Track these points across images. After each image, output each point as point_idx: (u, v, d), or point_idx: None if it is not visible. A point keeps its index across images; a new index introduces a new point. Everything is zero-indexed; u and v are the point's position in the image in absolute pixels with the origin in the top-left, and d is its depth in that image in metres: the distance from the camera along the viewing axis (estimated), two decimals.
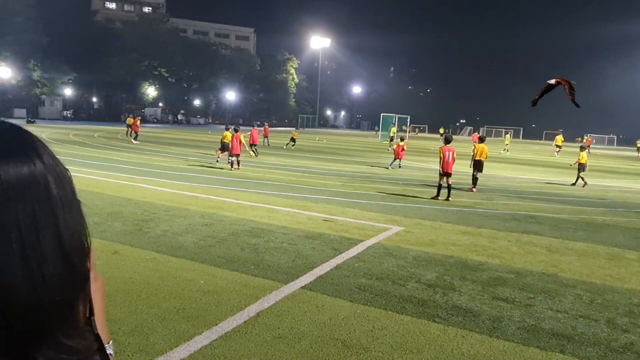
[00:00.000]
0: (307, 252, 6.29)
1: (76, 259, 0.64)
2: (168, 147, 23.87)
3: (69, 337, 0.63)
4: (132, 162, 16.18)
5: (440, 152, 11.53)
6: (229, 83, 78.04)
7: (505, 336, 4.13)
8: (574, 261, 6.67)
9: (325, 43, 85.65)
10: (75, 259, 0.63)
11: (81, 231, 0.66)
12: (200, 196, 10.07)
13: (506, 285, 5.45)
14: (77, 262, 0.64)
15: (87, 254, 0.68)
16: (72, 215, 0.64)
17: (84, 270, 0.66)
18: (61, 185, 0.64)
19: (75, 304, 0.65)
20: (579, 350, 3.94)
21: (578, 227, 9.10)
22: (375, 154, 28.01)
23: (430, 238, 7.51)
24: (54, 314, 0.61)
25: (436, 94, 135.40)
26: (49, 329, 0.61)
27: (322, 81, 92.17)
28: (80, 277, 0.65)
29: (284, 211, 8.97)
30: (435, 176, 16.31)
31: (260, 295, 4.71)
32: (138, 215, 7.86)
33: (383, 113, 49.85)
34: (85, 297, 0.68)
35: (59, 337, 0.62)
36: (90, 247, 0.69)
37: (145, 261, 5.58)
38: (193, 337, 3.78)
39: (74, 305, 0.64)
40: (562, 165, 25.34)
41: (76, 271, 0.64)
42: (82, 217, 0.67)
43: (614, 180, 20.22)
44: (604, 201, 13.23)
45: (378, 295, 4.89)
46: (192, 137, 35.31)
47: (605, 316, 4.71)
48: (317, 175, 15.45)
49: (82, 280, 0.66)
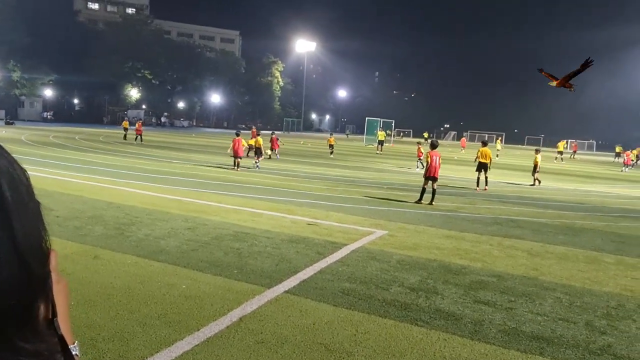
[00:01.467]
0: (291, 256, 6.28)
1: (33, 262, 0.63)
2: (151, 150, 23.62)
3: (27, 340, 0.62)
4: (114, 164, 15.96)
5: (427, 156, 11.69)
6: (213, 86, 77.66)
7: (487, 339, 4.17)
8: (554, 265, 6.78)
9: (310, 47, 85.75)
10: (31, 262, 0.63)
11: (38, 234, 0.66)
12: (183, 199, 9.98)
13: (488, 289, 5.51)
14: (34, 265, 0.64)
15: (45, 257, 0.68)
16: (28, 219, 0.64)
17: (42, 273, 0.66)
18: (15, 188, 0.63)
19: (33, 307, 0.64)
20: (558, 353, 4.00)
21: (558, 231, 9.26)
22: (360, 157, 28.10)
23: (414, 242, 7.56)
24: (10, 318, 0.60)
25: (421, 99, 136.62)
26: (5, 333, 0.60)
27: (308, 85, 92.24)
28: (38, 280, 0.65)
29: (268, 215, 8.94)
30: (420, 180, 16.43)
31: (243, 300, 4.68)
32: (119, 219, 7.75)
33: (368, 117, 50.15)
34: (47, 299, 0.68)
35: (16, 341, 0.61)
36: (50, 250, 0.69)
37: (127, 266, 5.50)
38: (174, 342, 3.73)
39: (31, 308, 0.64)
40: (546, 170, 25.78)
41: (33, 274, 0.63)
42: (40, 220, 0.67)
43: (594, 185, 20.64)
44: (584, 205, 13.48)
45: (361, 299, 4.90)
46: (175, 140, 35.01)
47: (583, 319, 4.80)
48: (302, 178, 15.44)
49: (40, 283, 0.66)
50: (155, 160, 18.68)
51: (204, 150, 26.67)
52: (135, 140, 28.70)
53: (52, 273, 0.70)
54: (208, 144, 33.42)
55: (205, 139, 39.74)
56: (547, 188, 17.49)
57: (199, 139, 39.07)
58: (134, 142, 28.16)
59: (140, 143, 27.68)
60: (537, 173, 17.71)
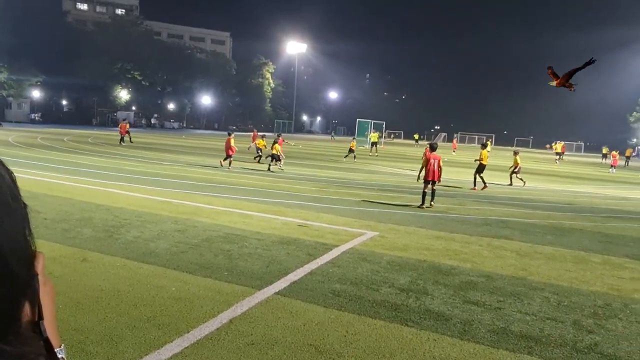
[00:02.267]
0: (282, 257, 6.28)
1: (15, 265, 0.63)
2: (141, 152, 23.46)
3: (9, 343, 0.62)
4: (103, 166, 15.83)
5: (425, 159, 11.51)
6: (204, 87, 77.32)
7: (476, 339, 4.20)
8: (542, 265, 6.85)
9: (301, 48, 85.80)
10: (14, 264, 0.63)
11: (23, 236, 0.66)
12: (173, 201, 9.93)
13: (477, 289, 5.55)
14: (17, 268, 0.63)
15: (30, 259, 0.67)
16: (11, 221, 0.64)
17: (26, 275, 0.66)
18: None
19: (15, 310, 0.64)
20: (546, 352, 4.04)
21: (547, 232, 9.35)
22: (350, 159, 28.14)
23: (404, 243, 7.59)
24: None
25: (411, 101, 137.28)
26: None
27: (299, 86, 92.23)
28: (21, 283, 0.64)
29: (259, 216, 8.93)
30: (410, 181, 16.54)
31: (233, 301, 4.66)
32: (108, 221, 7.69)
33: (359, 119, 50.26)
34: (32, 301, 0.67)
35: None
36: (35, 252, 0.69)
37: (116, 268, 5.46)
38: (164, 345, 3.71)
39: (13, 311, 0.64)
40: (537, 171, 26.00)
41: (16, 277, 0.63)
42: (25, 222, 0.67)
43: (582, 185, 20.87)
44: (572, 206, 13.63)
45: (352, 301, 4.91)
46: (165, 142, 34.81)
47: (571, 318, 4.85)
48: (292, 180, 15.43)
49: (24, 286, 0.65)
50: (145, 162, 18.56)
51: (194, 151, 26.55)
52: (120, 142, 28.19)
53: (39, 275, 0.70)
54: (198, 145, 33.28)
55: (196, 141, 39.57)
56: (535, 189, 17.66)
57: (189, 141, 38.90)
58: (120, 144, 27.77)
59: (123, 145, 27.19)
60: (518, 174, 17.98)
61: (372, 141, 35.90)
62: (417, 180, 12.11)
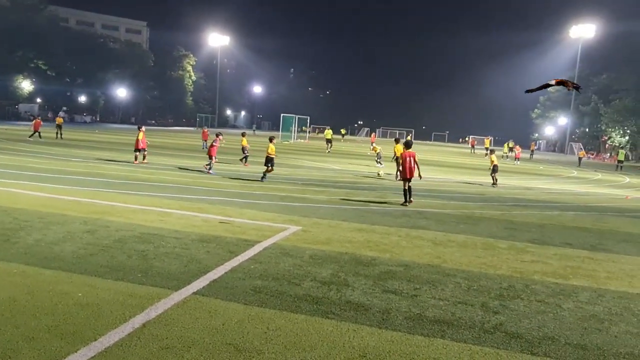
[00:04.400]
0: (201, 256, 6.06)
1: None
2: (47, 148, 21.60)
3: None
4: (2, 164, 14.35)
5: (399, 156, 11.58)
6: (118, 79, 72.95)
7: (394, 327, 4.33)
8: (455, 252, 7.24)
9: (224, 41, 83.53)
10: None
11: None
12: (83, 200, 9.23)
13: (395, 278, 5.73)
14: None
15: None
16: None
17: None
18: None
19: None
20: (457, 334, 4.26)
21: (460, 221, 9.92)
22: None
23: (327, 236, 7.66)
24: None
25: (335, 96, 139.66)
26: None
27: (222, 80, 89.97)
28: None
29: (178, 214, 8.57)
30: (335, 176, 16.82)
31: (147, 304, 4.41)
32: (6, 224, 6.97)
33: (283, 114, 50.12)
34: None
35: None
36: None
37: (12, 275, 4.95)
38: (67, 356, 3.41)
39: None
40: (452, 164, 27.47)
41: None
42: None
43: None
44: (483, 196, 14.60)
45: (273, 296, 4.85)
46: (76, 137, 32.36)
47: (479, 301, 5.17)
48: (215, 176, 15.03)
49: None
50: (52, 158, 17.10)
51: (109, 147, 24.93)
52: (31, 136, 26.11)
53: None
54: (113, 140, 31.33)
55: (110, 135, 37.21)
56: (451, 181, 18.70)
57: (102, 136, 36.49)
58: (29, 138, 25.67)
59: (32, 141, 25.15)
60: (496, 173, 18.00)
61: (327, 138, 35.63)
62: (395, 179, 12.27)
